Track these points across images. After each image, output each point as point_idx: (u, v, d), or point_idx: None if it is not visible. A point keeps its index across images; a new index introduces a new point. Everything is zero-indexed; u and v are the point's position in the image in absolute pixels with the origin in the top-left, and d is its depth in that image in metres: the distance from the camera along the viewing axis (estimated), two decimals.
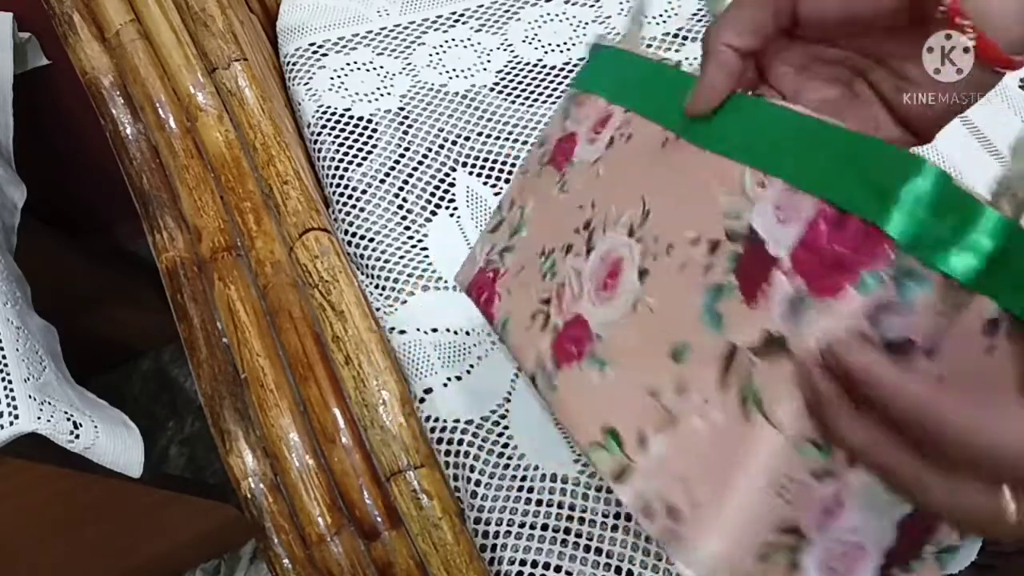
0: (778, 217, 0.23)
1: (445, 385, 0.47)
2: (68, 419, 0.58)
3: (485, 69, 0.61)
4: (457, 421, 0.46)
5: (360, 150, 0.56)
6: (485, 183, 0.55)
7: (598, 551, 0.43)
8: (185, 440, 1.10)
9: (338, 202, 0.54)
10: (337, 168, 0.55)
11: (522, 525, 0.43)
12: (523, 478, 0.45)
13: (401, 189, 0.55)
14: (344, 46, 0.62)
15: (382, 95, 0.59)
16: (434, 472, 0.39)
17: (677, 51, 0.61)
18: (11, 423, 0.55)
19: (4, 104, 0.74)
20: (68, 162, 0.97)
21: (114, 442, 0.61)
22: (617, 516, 0.44)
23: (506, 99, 0.60)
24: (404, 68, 0.61)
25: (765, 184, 0.24)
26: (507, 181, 0.56)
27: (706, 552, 0.23)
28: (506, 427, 0.46)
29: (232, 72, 0.48)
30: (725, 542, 0.23)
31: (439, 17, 0.64)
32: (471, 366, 0.48)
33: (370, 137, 0.57)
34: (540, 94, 0.60)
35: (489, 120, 0.58)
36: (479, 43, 0.63)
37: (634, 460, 0.25)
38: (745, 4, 0.28)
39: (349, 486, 0.41)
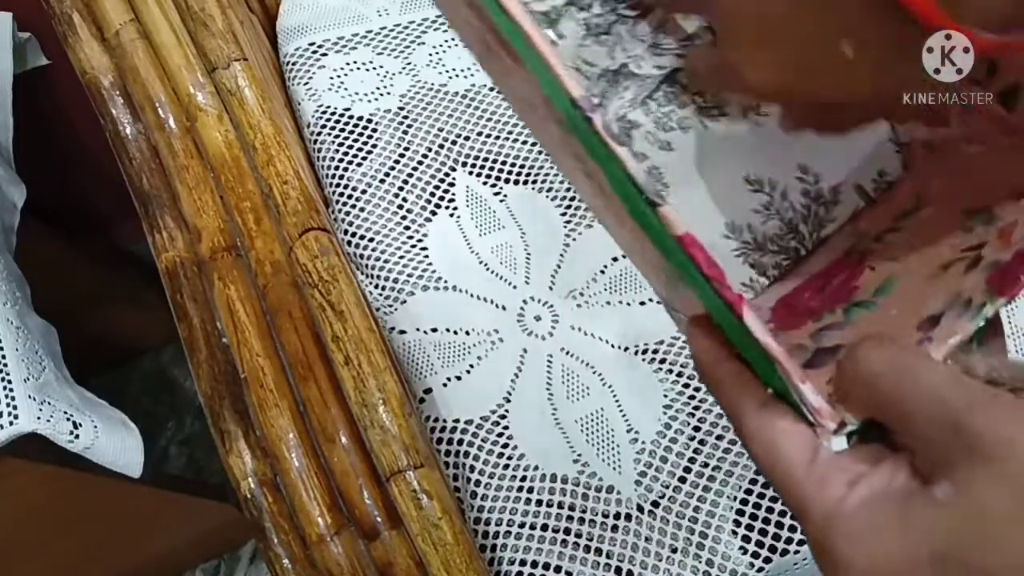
0: None
1: (445, 385, 0.47)
2: (68, 419, 0.58)
3: None
4: (457, 421, 0.46)
5: (360, 150, 0.56)
6: (485, 183, 0.55)
7: (598, 551, 0.43)
8: (185, 440, 1.10)
9: (338, 202, 0.54)
10: (337, 168, 0.55)
11: (522, 525, 0.43)
12: (523, 478, 0.45)
13: (401, 189, 0.55)
14: (344, 46, 0.62)
15: (382, 95, 0.59)
16: (434, 472, 0.39)
17: None
18: (11, 423, 0.55)
19: (4, 104, 0.74)
20: (68, 162, 0.97)
21: (114, 442, 0.61)
22: (617, 516, 0.44)
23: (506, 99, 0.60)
24: (404, 68, 0.61)
25: None
26: (507, 181, 0.56)
27: None
28: (506, 427, 0.46)
29: (232, 72, 0.48)
30: None
31: (439, 17, 0.64)
32: (471, 366, 0.48)
33: (370, 137, 0.57)
34: None
35: (489, 120, 0.58)
36: None
37: None
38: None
39: (349, 486, 0.41)
